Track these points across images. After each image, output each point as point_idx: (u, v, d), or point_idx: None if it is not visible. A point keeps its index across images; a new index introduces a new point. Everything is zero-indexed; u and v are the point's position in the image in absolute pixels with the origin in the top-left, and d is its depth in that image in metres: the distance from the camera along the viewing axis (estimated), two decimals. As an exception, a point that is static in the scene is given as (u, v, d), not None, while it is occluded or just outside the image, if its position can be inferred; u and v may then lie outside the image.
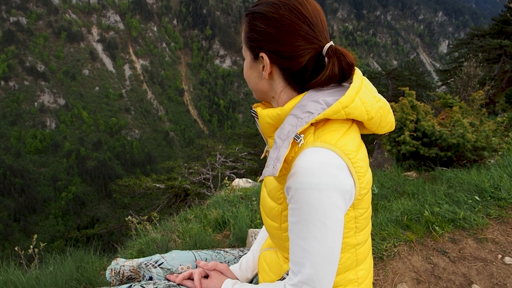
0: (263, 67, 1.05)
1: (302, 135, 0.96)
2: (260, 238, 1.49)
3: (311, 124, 0.99)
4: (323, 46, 1.01)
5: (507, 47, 21.82)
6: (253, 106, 1.18)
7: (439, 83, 26.35)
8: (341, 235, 0.97)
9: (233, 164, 13.76)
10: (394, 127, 1.15)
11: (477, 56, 15.58)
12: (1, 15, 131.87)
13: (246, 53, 1.09)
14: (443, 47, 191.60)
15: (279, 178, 1.05)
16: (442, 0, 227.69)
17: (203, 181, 12.09)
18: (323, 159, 0.92)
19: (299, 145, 0.96)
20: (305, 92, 1.02)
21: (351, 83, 1.05)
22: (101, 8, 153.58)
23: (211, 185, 11.06)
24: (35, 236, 2.99)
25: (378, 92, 1.11)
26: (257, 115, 1.11)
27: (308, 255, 0.95)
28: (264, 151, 1.31)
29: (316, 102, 0.97)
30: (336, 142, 0.95)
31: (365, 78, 1.06)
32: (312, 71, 1.03)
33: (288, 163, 0.99)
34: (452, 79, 18.83)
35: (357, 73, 1.05)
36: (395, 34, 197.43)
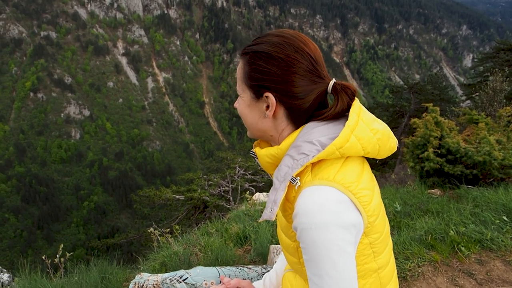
0: (267, 106, 1.04)
1: (298, 178, 0.97)
2: (282, 257, 1.50)
3: None
4: (328, 83, 1.03)
5: (535, 62, 21.19)
6: (253, 145, 1.19)
7: (463, 98, 25.70)
8: (354, 266, 0.96)
9: (252, 177, 13.74)
10: (395, 149, 1.13)
11: (503, 70, 15.16)
12: (32, 30, 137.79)
13: (245, 92, 1.07)
14: (468, 61, 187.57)
15: (287, 217, 1.07)
16: (466, 13, 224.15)
17: (222, 193, 12.12)
18: (322, 196, 0.93)
19: (296, 188, 0.97)
20: (301, 128, 1.04)
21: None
22: (126, 23, 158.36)
23: (230, 198, 11.08)
24: (61, 245, 3.07)
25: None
26: (256, 155, 1.12)
27: None
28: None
29: (310, 143, 0.98)
30: (334, 177, 0.96)
31: (363, 108, 1.05)
32: (318, 107, 1.05)
33: (291, 202, 1.01)
34: (477, 94, 18.37)
35: (355, 106, 1.03)
36: (417, 48, 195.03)
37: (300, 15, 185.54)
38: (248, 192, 5.96)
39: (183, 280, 1.46)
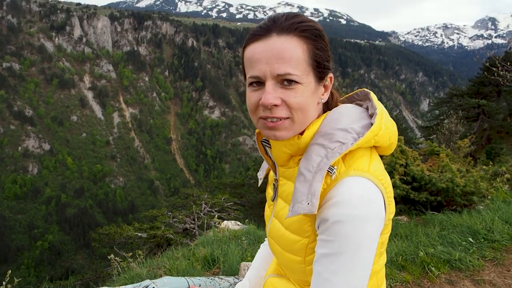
0: (325, 90, 0.99)
1: (335, 167, 0.90)
2: (257, 263, 1.41)
3: None
4: None
5: (485, 107, 22.88)
6: (256, 133, 1.11)
7: (422, 139, 27.09)
8: (371, 266, 0.91)
9: (218, 214, 13.46)
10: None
11: (457, 113, 16.23)
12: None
13: (309, 76, 0.92)
14: (424, 105, 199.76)
15: None
16: (422, 62, 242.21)
17: (188, 229, 11.73)
18: (362, 188, 0.87)
19: (332, 178, 0.90)
20: (323, 117, 0.98)
21: (359, 104, 1.05)
22: (95, 58, 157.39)
23: (196, 232, 10.72)
24: (9, 271, 2.80)
25: None
26: (269, 145, 1.05)
27: None
28: (262, 175, 1.25)
29: (345, 130, 0.92)
30: (368, 168, 0.91)
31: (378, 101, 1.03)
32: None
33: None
34: (434, 135, 19.42)
35: (374, 96, 1.02)
36: (378, 92, 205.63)
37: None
38: (215, 221, 5.78)
39: (149, 290, 1.34)
